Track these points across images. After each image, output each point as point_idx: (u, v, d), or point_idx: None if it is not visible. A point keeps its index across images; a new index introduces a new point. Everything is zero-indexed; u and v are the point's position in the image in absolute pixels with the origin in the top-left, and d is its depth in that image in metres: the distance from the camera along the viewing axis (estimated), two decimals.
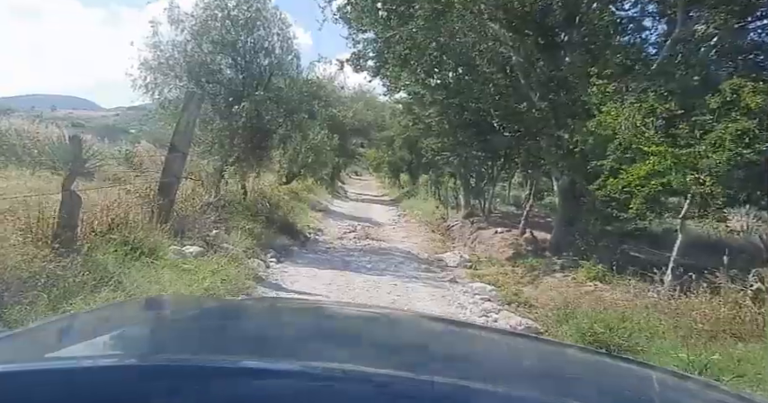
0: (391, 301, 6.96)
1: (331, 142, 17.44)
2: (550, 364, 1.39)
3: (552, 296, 7.28)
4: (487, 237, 13.00)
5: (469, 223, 15.09)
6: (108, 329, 1.35)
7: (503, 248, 11.54)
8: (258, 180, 13.36)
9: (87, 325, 1.43)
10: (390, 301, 6.95)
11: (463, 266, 10.41)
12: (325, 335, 1.35)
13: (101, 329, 1.35)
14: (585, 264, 8.05)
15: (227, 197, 10.75)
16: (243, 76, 10.15)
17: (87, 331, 1.34)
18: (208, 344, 1.18)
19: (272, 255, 8.93)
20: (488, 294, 7.65)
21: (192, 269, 5.92)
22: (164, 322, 1.51)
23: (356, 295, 7.00)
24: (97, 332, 1.31)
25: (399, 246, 12.06)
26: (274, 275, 7.68)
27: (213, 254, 6.84)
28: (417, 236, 14.20)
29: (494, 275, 9.41)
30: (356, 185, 35.69)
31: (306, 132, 12.25)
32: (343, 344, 1.25)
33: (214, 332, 1.34)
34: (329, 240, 12.32)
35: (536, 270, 9.28)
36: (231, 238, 8.36)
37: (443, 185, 20.22)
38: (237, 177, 11.27)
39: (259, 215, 10.81)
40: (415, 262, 10.45)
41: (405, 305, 6.75)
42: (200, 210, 8.06)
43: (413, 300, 7.19)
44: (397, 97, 16.83)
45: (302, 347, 1.17)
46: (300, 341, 1.24)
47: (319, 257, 9.88)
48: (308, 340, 1.27)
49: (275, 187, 15.08)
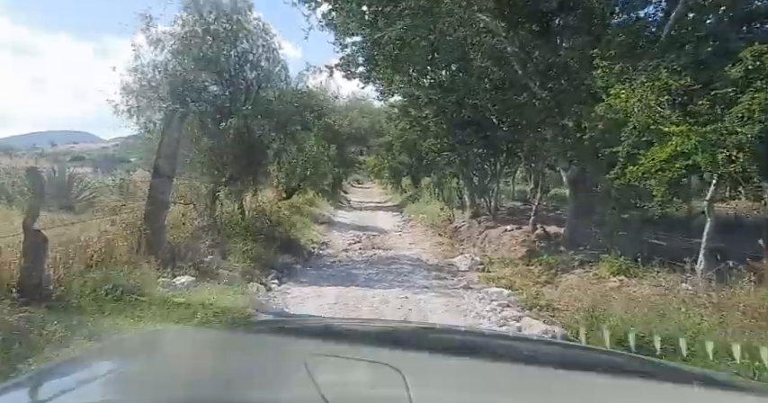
0: (402, 316, 6.37)
1: (328, 152, 16.89)
2: None
3: (575, 296, 6.66)
4: (497, 235, 12.39)
5: (477, 223, 14.48)
6: (104, 372, 1.31)
7: (514, 247, 10.92)
8: (256, 198, 12.82)
9: (80, 370, 1.35)
10: (402, 317, 6.35)
11: (475, 270, 9.81)
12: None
13: (96, 372, 1.30)
14: (606, 258, 7.43)
15: (223, 219, 10.22)
16: (229, 92, 9.63)
17: (81, 377, 1.27)
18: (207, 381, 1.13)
19: (273, 275, 8.36)
20: (506, 299, 7.04)
21: (183, 303, 5.34)
22: (161, 359, 1.43)
23: (364, 314, 6.41)
24: (93, 376, 1.27)
25: (407, 254, 11.46)
26: (275, 299, 7.10)
27: (207, 282, 6.26)
28: (424, 241, 13.60)
29: (509, 277, 8.80)
30: (358, 193, 35.12)
31: (301, 144, 11.68)
32: None
33: (214, 367, 1.26)
34: (334, 254, 11.74)
35: (553, 268, 8.66)
36: (229, 263, 7.80)
37: (446, 186, 19.63)
38: (233, 197, 10.72)
39: (259, 234, 10.23)
40: (424, 269, 9.85)
41: (418, 320, 6.15)
42: (192, 236, 7.49)
43: (426, 314, 6.59)
44: (392, 101, 16.29)
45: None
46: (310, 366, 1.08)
47: (323, 273, 9.29)
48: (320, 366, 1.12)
49: (275, 203, 14.52)
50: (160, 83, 8.75)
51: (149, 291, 5.46)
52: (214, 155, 9.23)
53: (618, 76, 6.80)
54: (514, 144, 13.59)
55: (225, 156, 9.74)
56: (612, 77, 6.82)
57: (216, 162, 9.55)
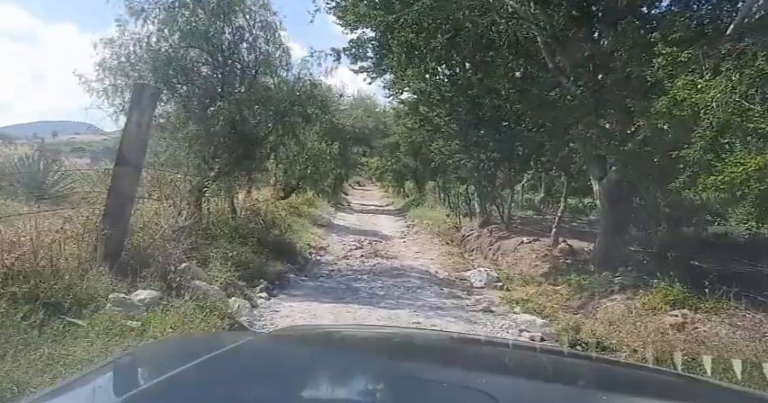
0: None
1: (330, 150, 15.56)
2: None
3: (628, 332, 5.33)
4: (512, 247, 11.07)
5: (487, 232, 13.16)
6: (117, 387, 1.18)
7: (535, 262, 9.61)
8: (250, 196, 11.49)
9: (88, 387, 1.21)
10: None
11: (492, 287, 8.49)
12: None
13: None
14: (658, 284, 6.10)
15: (209, 218, 8.88)
16: (221, 73, 8.30)
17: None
18: None
19: (262, 287, 7.03)
20: (540, 330, 5.72)
21: (136, 329, 4.01)
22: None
23: None
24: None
25: (414, 265, 10.13)
26: (262, 318, 5.78)
27: (177, 298, 4.93)
28: (431, 250, 12.27)
29: (534, 299, 7.49)
30: (359, 196, 33.78)
31: (299, 138, 10.34)
32: None
33: None
34: (333, 261, 10.41)
35: (585, 290, 7.33)
36: (209, 271, 6.46)
37: (453, 191, 18.32)
38: (223, 194, 9.38)
39: (250, 237, 8.89)
40: (434, 284, 8.52)
41: None
42: (167, 239, 6.16)
43: None
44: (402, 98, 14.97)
45: None
46: None
47: (321, 285, 7.96)
48: None
49: (271, 203, 13.18)
50: (141, 58, 7.43)
51: (94, 311, 4.13)
52: (201, 144, 7.90)
53: (685, 65, 5.50)
54: (535, 148, 12.27)
55: (214, 146, 8.41)
56: (679, 66, 5.52)
57: (203, 153, 8.22)
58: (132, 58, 7.37)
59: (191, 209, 8.00)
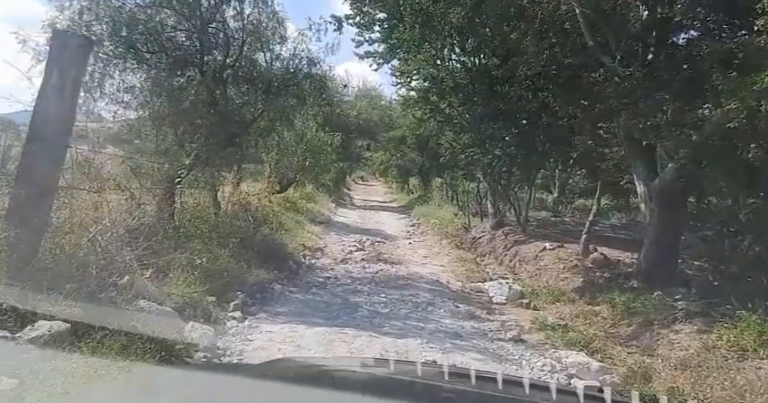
0: None
1: (332, 141, 14.02)
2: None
3: (722, 384, 3.81)
4: (532, 254, 9.55)
5: (502, 235, 11.64)
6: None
7: (563, 273, 8.08)
8: (238, 189, 9.98)
9: None
10: None
11: (517, 303, 7.00)
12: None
13: None
14: (748, 317, 4.56)
15: (184, 214, 7.39)
16: (199, 42, 6.76)
17: None
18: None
19: (237, 303, 5.51)
20: (596, 378, 4.20)
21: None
22: None
23: None
24: None
25: (422, 272, 8.61)
26: (227, 352, 4.26)
27: (99, 330, 3.41)
28: (440, 254, 10.75)
29: (571, 323, 5.99)
30: (362, 191, 32.22)
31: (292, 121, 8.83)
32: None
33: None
34: (330, 265, 8.90)
35: (635, 314, 5.81)
36: (167, 284, 4.95)
37: (461, 189, 16.80)
38: (203, 186, 7.88)
39: (232, 237, 7.39)
40: (448, 298, 7.01)
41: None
42: (110, 242, 4.65)
43: None
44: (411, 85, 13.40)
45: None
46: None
47: (312, 299, 6.45)
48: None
49: (264, 197, 11.66)
50: (98, 17, 5.90)
51: None
52: (171, 124, 6.38)
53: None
54: (558, 143, 10.74)
55: (189, 128, 6.90)
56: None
57: (174, 135, 6.71)
58: (86, 15, 5.84)
59: (158, 203, 6.52)
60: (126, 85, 6.14)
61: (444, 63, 11.78)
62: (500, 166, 12.16)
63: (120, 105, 6.32)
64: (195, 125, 6.99)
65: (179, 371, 2.62)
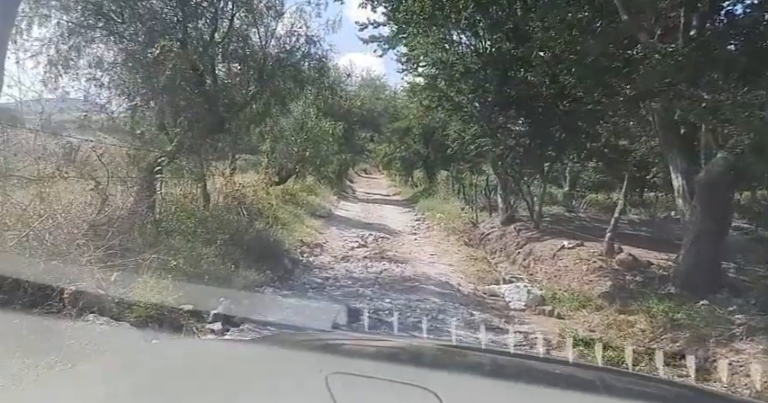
0: None
1: (334, 131, 13.13)
2: None
3: None
4: (548, 252, 8.68)
5: (513, 231, 10.77)
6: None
7: (586, 276, 7.21)
8: (232, 179, 9.13)
9: None
10: None
11: (538, 311, 6.15)
12: None
13: None
14: None
15: (167, 207, 6.55)
16: (181, 11, 5.86)
17: None
18: None
19: (217, 313, 4.66)
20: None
21: None
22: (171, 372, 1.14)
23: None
24: None
25: (430, 273, 7.76)
26: None
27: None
28: (449, 251, 9.88)
29: (603, 335, 5.14)
30: (364, 184, 31.33)
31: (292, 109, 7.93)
32: None
33: None
34: (329, 263, 8.07)
35: (680, 327, 4.94)
36: (131, 291, 4.11)
37: (467, 182, 15.92)
38: (190, 175, 7.03)
39: (220, 233, 6.55)
40: (460, 304, 6.17)
41: None
42: (61, 241, 3.81)
43: None
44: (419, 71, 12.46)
45: None
46: None
47: (307, 306, 5.60)
48: None
49: (261, 188, 10.81)
50: None
51: None
52: (147, 102, 5.51)
53: None
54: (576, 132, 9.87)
55: (173, 110, 6.04)
56: None
57: (157, 118, 5.84)
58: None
59: (137, 193, 5.67)
60: (96, 58, 5.25)
61: (454, 47, 10.88)
62: (512, 158, 11.28)
63: (92, 82, 5.44)
64: (178, 106, 6.11)
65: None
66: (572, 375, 1.38)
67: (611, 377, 1.40)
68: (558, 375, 1.32)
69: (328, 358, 1.28)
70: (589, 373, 1.43)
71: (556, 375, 1.32)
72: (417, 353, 1.45)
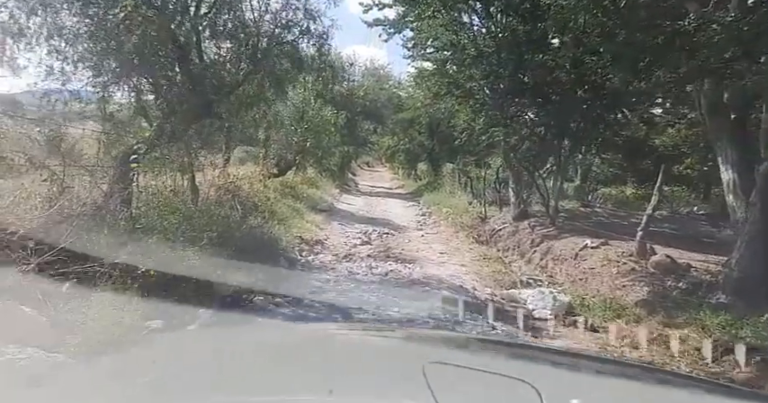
0: None
1: (336, 120, 12.24)
2: None
3: None
4: (569, 251, 7.83)
5: (527, 227, 9.91)
6: None
7: (618, 280, 6.35)
8: (225, 171, 8.29)
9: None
10: None
11: (568, 321, 5.29)
12: None
13: None
14: None
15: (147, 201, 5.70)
16: None
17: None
18: None
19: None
20: None
21: None
22: None
23: None
24: None
25: (441, 274, 6.92)
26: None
27: None
28: (459, 249, 9.04)
29: (648, 352, 4.30)
30: (367, 177, 30.47)
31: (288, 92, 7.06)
32: None
33: None
34: (330, 263, 7.24)
35: (751, 349, 4.09)
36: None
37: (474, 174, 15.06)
38: (173, 167, 6.18)
39: (208, 230, 5.71)
40: (478, 314, 5.32)
41: None
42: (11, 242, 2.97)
43: None
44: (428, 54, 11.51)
45: None
46: None
47: (303, 317, 4.74)
48: None
49: (258, 181, 9.97)
50: None
51: None
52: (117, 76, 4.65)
53: None
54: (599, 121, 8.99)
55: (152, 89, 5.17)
56: None
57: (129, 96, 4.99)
58: None
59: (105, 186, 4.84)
60: (55, 26, 4.38)
61: (465, 29, 9.97)
62: (527, 149, 10.40)
63: (53, 55, 4.57)
64: (157, 86, 5.24)
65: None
66: (668, 382, 1.33)
67: (709, 388, 1.36)
68: (655, 382, 1.27)
69: (426, 349, 1.26)
70: (685, 382, 1.37)
71: (651, 382, 1.27)
72: (514, 350, 1.45)
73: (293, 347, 1.18)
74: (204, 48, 5.88)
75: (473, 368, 0.96)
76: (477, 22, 10.15)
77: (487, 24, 10.01)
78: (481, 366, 0.99)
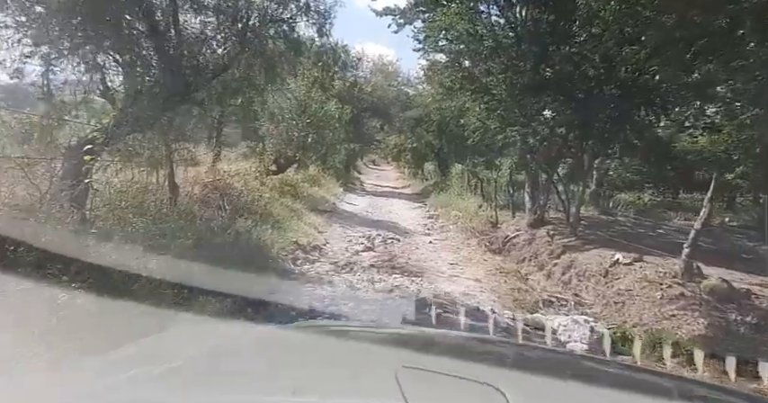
0: None
1: (341, 115, 11.14)
2: None
3: None
4: (596, 267, 6.72)
5: (545, 236, 8.79)
6: None
7: (663, 306, 5.23)
8: (214, 167, 7.23)
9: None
10: None
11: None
12: None
13: None
14: None
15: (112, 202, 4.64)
16: None
17: None
18: None
19: None
20: None
21: None
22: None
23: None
24: None
25: (453, 292, 5.82)
26: None
27: None
28: (472, 260, 7.93)
29: None
30: (373, 176, 29.37)
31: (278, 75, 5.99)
32: None
33: None
34: (326, 275, 6.15)
35: None
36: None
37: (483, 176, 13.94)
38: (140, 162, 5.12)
39: (180, 238, 4.65)
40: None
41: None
42: None
43: None
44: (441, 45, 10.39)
45: None
46: None
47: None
48: None
49: (254, 178, 8.89)
50: None
51: None
52: (63, 49, 3.59)
53: None
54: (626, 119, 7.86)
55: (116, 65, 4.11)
56: None
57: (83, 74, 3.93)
58: None
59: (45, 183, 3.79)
60: None
61: (482, 18, 8.86)
62: (546, 151, 9.28)
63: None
64: (121, 63, 4.17)
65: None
66: (641, 379, 1.29)
67: (681, 383, 1.33)
68: (624, 378, 1.25)
69: (398, 352, 1.26)
70: (661, 379, 1.37)
71: (622, 378, 1.25)
72: (485, 350, 1.44)
73: (263, 351, 1.16)
74: (183, 21, 4.80)
75: (443, 372, 0.95)
76: (495, 10, 9.02)
77: (507, 13, 8.90)
78: (454, 370, 0.97)
